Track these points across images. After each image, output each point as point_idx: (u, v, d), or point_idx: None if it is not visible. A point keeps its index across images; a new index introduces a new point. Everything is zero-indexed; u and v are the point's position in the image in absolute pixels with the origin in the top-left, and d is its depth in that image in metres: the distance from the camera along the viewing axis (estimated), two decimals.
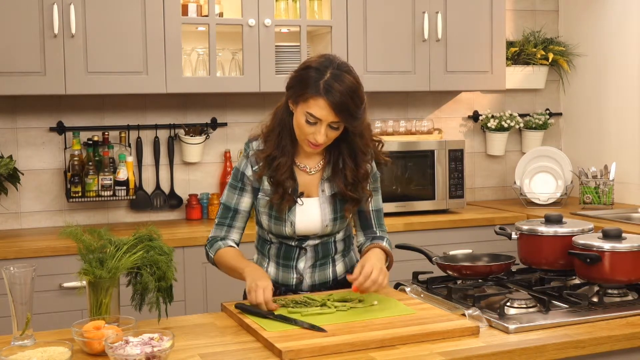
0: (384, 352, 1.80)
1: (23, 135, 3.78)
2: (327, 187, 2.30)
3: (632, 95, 4.25)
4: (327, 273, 2.36)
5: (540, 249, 2.44)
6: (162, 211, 3.99)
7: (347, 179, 2.25)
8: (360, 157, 2.26)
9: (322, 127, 2.12)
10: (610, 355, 1.94)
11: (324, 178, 2.30)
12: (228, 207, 2.32)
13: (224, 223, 2.32)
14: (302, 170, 2.29)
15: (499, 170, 4.70)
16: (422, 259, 2.54)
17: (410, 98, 4.45)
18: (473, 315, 2.03)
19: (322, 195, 2.29)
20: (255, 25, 3.74)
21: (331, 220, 2.29)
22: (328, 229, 2.30)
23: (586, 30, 4.57)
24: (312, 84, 2.10)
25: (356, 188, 2.27)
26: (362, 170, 2.27)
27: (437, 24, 4.05)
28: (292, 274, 2.33)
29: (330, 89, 2.08)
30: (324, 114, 2.10)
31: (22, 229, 3.77)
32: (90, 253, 2.00)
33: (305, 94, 2.11)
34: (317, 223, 2.28)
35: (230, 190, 2.32)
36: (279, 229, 2.28)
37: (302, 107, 2.13)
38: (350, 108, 2.10)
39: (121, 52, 3.55)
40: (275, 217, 2.27)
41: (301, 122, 2.14)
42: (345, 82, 2.10)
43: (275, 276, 2.34)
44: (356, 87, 2.12)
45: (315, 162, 2.30)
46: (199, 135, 3.98)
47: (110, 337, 1.74)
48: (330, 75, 2.10)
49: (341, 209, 2.30)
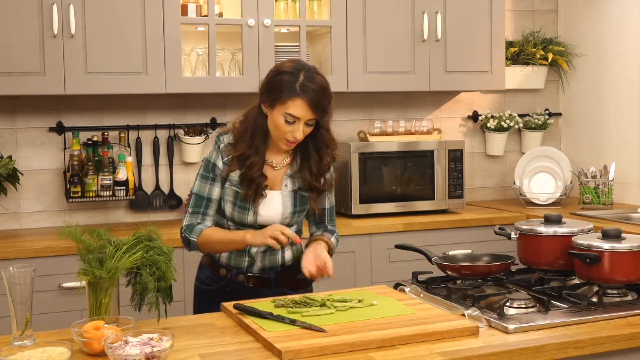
0: (383, 352, 1.81)
1: (23, 136, 3.78)
2: (289, 183, 2.49)
3: (632, 95, 4.25)
4: (277, 258, 2.50)
5: (540, 249, 2.44)
6: (162, 211, 3.99)
7: (312, 170, 2.46)
8: (324, 150, 2.47)
9: (300, 124, 2.34)
10: (610, 356, 1.94)
11: (287, 174, 2.49)
12: (201, 197, 2.47)
13: (198, 212, 2.48)
14: (268, 165, 2.47)
15: (499, 170, 4.70)
16: (422, 259, 2.55)
17: (409, 98, 4.45)
18: (472, 316, 2.03)
19: (285, 190, 2.49)
20: (254, 26, 3.74)
21: (291, 213, 2.49)
22: (287, 220, 2.48)
23: (586, 30, 4.57)
24: (287, 87, 2.32)
25: (319, 179, 2.48)
26: (325, 162, 2.48)
27: (436, 24, 4.05)
28: (244, 257, 2.49)
29: (306, 89, 2.32)
30: (302, 113, 2.32)
31: (22, 229, 3.77)
32: (89, 253, 2.00)
33: (282, 97, 2.33)
34: (278, 215, 2.47)
35: (202, 181, 2.48)
36: (241, 217, 2.45)
37: (279, 109, 2.34)
38: (323, 104, 2.34)
39: (121, 52, 3.55)
40: (240, 206, 2.45)
41: (279, 122, 2.34)
42: (317, 82, 2.34)
43: (228, 260, 2.51)
44: (327, 85, 2.37)
45: (281, 158, 2.49)
46: (198, 135, 3.98)
47: (109, 337, 1.74)
48: (304, 77, 2.33)
49: (300, 203, 2.50)
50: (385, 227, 3.75)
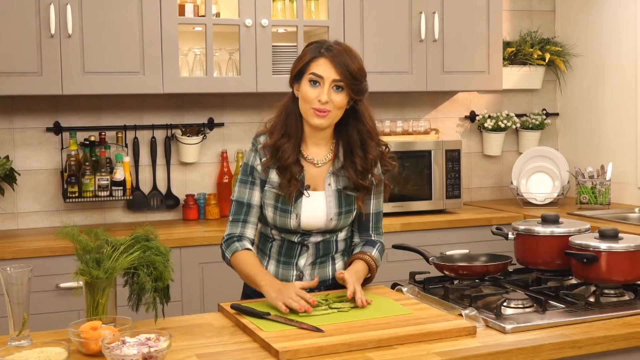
0: (380, 352, 1.80)
1: (20, 136, 3.78)
2: (333, 181, 2.32)
3: (629, 95, 4.25)
4: (327, 271, 2.37)
5: (537, 249, 2.44)
6: (159, 211, 3.99)
7: (357, 167, 2.29)
8: (368, 143, 2.30)
9: (325, 86, 2.20)
10: (607, 355, 1.95)
11: (330, 172, 2.32)
12: (241, 203, 2.32)
13: (238, 219, 2.32)
14: (308, 162, 2.31)
15: (496, 170, 4.71)
16: (419, 259, 2.55)
17: (407, 98, 4.45)
18: (470, 316, 2.03)
19: (329, 189, 2.31)
20: (252, 26, 3.74)
21: (336, 215, 2.31)
22: (332, 223, 2.31)
23: (583, 30, 4.58)
24: (312, 52, 2.24)
25: (366, 177, 2.31)
26: (371, 156, 2.30)
27: (434, 24, 4.06)
28: (292, 271, 2.35)
29: (330, 48, 2.22)
30: (326, 71, 2.20)
31: (19, 230, 3.77)
32: (87, 253, 2.00)
33: (307, 61, 2.23)
34: (322, 216, 2.30)
35: (241, 186, 2.33)
36: (283, 222, 2.29)
37: (305, 77, 2.23)
38: (350, 67, 2.20)
39: (118, 52, 3.55)
40: (281, 210, 2.29)
41: (305, 89, 2.22)
42: (342, 45, 2.25)
43: (275, 273, 2.35)
44: (354, 51, 2.25)
45: (322, 154, 2.32)
46: (195, 135, 3.98)
47: (107, 338, 1.74)
48: (330, 42, 2.25)
49: (346, 204, 2.32)
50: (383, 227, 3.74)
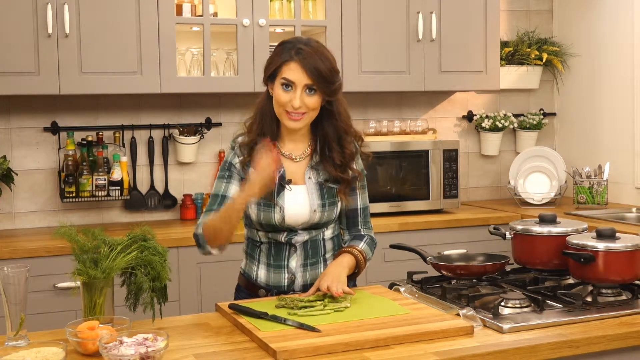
0: (378, 352, 1.81)
1: (17, 136, 3.77)
2: (313, 175, 2.34)
3: (626, 95, 4.26)
4: (319, 273, 2.35)
5: (535, 249, 2.44)
6: (157, 211, 3.99)
7: (335, 161, 2.32)
8: (344, 138, 2.33)
9: (297, 91, 2.20)
10: (604, 355, 1.95)
11: (309, 166, 2.34)
12: (216, 195, 2.34)
13: (211, 210, 2.31)
14: (287, 158, 2.34)
15: (493, 170, 4.71)
16: (417, 259, 2.55)
17: (404, 98, 4.45)
18: (467, 315, 2.03)
19: (309, 182, 2.33)
20: (249, 25, 3.74)
21: (319, 206, 2.32)
22: (317, 215, 2.32)
23: (580, 30, 4.58)
24: (283, 53, 2.22)
25: (345, 169, 2.34)
26: (348, 151, 2.33)
27: (431, 24, 4.06)
28: (283, 274, 2.34)
29: (301, 52, 2.20)
30: (297, 76, 2.20)
31: (16, 229, 3.76)
32: (84, 253, 2.00)
33: (279, 65, 2.22)
34: (306, 209, 2.31)
35: (219, 180, 2.37)
36: (267, 217, 2.30)
37: (277, 80, 2.23)
38: (321, 70, 2.20)
39: (115, 52, 3.55)
40: (265, 205, 2.29)
41: (278, 92, 2.23)
42: (313, 45, 2.23)
43: (267, 279, 2.35)
44: (325, 51, 2.24)
45: (300, 149, 2.35)
46: (193, 135, 3.98)
47: (104, 338, 1.74)
48: (301, 43, 2.23)
49: (329, 196, 2.34)
50: (380, 227, 3.75)
